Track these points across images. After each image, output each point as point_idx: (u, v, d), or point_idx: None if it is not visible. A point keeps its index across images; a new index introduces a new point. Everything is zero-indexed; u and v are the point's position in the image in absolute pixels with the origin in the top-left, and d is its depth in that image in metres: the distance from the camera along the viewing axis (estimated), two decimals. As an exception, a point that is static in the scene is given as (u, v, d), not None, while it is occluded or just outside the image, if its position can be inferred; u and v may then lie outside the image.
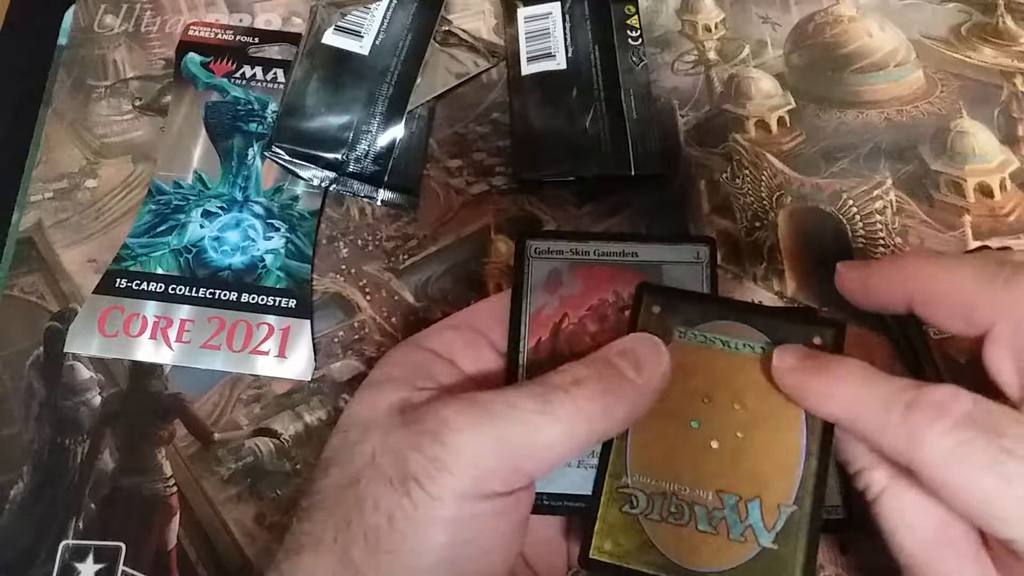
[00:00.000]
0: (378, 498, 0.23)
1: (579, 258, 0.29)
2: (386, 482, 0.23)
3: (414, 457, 0.23)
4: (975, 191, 0.44)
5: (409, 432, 0.24)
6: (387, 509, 0.23)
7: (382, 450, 0.24)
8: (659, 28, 0.49)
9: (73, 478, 0.38)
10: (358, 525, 0.23)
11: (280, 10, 0.49)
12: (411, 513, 0.23)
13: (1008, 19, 0.50)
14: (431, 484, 0.23)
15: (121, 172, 0.45)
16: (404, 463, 0.23)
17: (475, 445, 0.23)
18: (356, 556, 0.23)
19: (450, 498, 0.23)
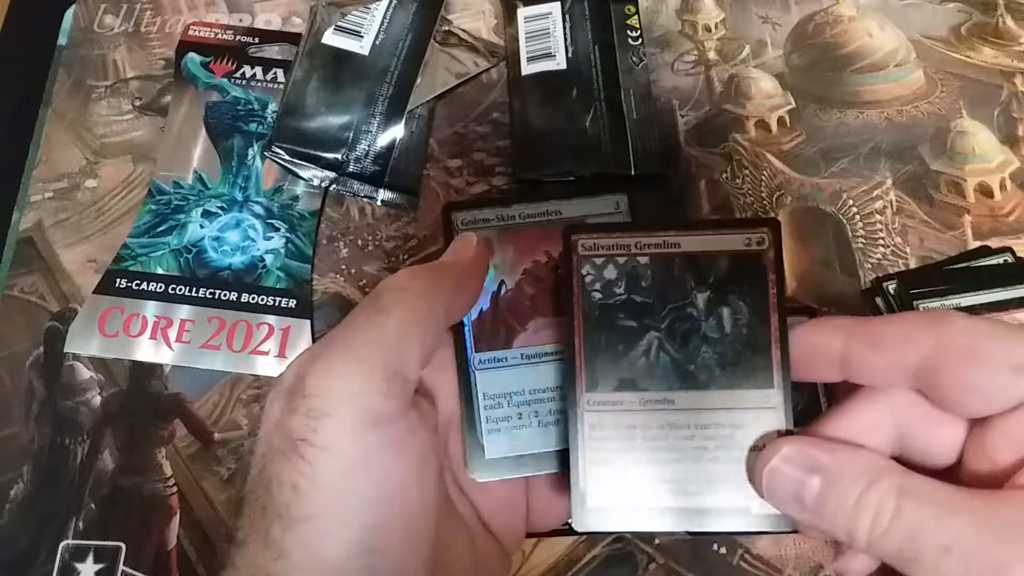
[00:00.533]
0: (279, 473, 0.23)
1: (505, 223, 0.29)
2: (279, 455, 0.23)
3: (294, 420, 0.23)
4: (975, 191, 0.44)
5: (283, 399, 0.24)
6: (289, 479, 0.23)
7: (269, 429, 0.24)
8: (659, 28, 0.49)
9: (73, 478, 0.38)
10: (271, 506, 0.23)
11: (280, 10, 0.49)
12: (309, 473, 0.23)
13: (1008, 19, 0.50)
14: (317, 436, 0.23)
15: (121, 172, 0.45)
16: (288, 430, 0.23)
17: (337, 376, 0.23)
18: (276, 535, 0.23)
19: (340, 441, 0.23)
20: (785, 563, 0.37)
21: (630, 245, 0.26)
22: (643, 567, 0.37)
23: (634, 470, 0.26)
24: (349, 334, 0.24)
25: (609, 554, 0.37)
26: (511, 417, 0.28)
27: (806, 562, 0.37)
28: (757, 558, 0.37)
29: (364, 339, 0.24)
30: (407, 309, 0.25)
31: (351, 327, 0.25)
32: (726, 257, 0.26)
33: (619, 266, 0.27)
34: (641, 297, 0.26)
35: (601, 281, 0.27)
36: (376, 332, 0.24)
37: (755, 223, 0.26)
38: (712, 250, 0.26)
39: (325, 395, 0.23)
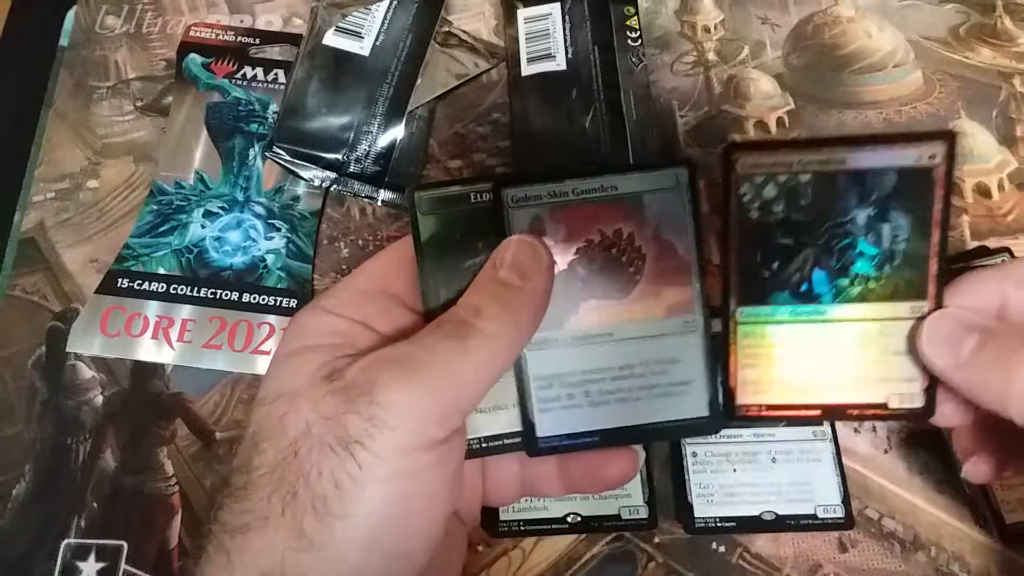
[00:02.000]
0: (322, 465, 0.23)
1: (558, 200, 0.28)
2: (326, 450, 0.24)
3: (351, 420, 0.24)
4: (973, 191, 0.44)
5: (341, 397, 0.24)
6: (333, 475, 0.23)
7: (316, 419, 0.24)
8: (658, 29, 0.49)
9: (75, 477, 0.39)
10: (305, 495, 0.23)
11: (281, 11, 0.49)
12: (357, 475, 0.23)
13: (1006, 20, 0.50)
14: (373, 443, 0.23)
15: (123, 172, 0.45)
16: (343, 428, 0.24)
17: (408, 397, 0.24)
18: (308, 526, 0.23)
19: (393, 454, 0.24)
20: (784, 562, 0.37)
21: (792, 162, 0.26)
22: (642, 565, 0.37)
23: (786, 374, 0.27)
24: (429, 362, 0.25)
25: (609, 552, 0.37)
26: (561, 397, 0.28)
27: (805, 561, 0.37)
28: (756, 556, 0.37)
29: (441, 373, 0.25)
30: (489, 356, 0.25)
31: (432, 355, 0.25)
32: (894, 172, 0.26)
33: (779, 184, 0.26)
34: (799, 215, 0.26)
35: (760, 200, 0.26)
36: (455, 370, 0.25)
37: (931, 135, 0.25)
38: (880, 166, 0.26)
39: (391, 409, 0.24)
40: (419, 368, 0.24)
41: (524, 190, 0.27)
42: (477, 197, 0.28)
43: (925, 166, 0.25)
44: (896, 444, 0.39)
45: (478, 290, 0.27)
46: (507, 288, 0.26)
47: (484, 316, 0.26)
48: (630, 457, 0.29)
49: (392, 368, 0.24)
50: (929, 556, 0.37)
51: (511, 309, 0.26)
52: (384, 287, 0.29)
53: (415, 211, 0.28)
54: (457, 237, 0.28)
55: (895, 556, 0.37)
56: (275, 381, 0.26)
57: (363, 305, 0.28)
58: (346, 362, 0.26)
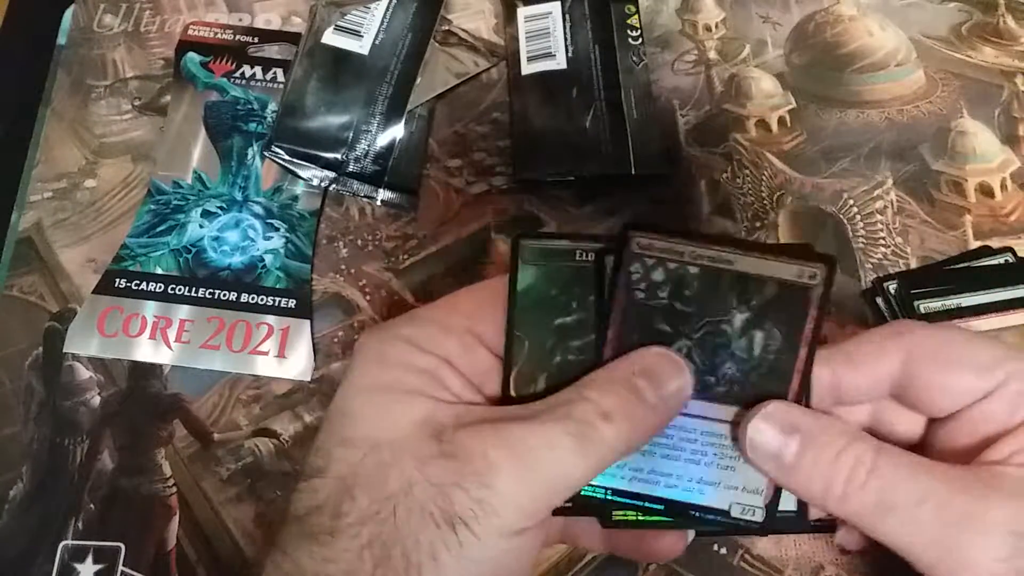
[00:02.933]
0: (419, 534, 0.23)
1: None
2: (428, 518, 0.23)
3: (459, 496, 0.23)
4: (976, 191, 0.44)
5: (451, 467, 0.24)
6: (430, 547, 0.23)
7: (419, 480, 0.24)
8: (659, 28, 0.49)
9: (72, 478, 0.38)
10: (400, 560, 0.23)
11: (280, 10, 0.49)
12: (456, 552, 0.23)
13: (1009, 19, 0.50)
14: (477, 525, 0.23)
15: (120, 172, 0.45)
16: (448, 502, 0.23)
17: (517, 487, 0.24)
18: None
19: (494, 538, 0.23)
20: (785, 563, 0.37)
21: (684, 252, 0.27)
22: (643, 567, 0.37)
23: (637, 458, 0.27)
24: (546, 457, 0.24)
25: (610, 554, 0.37)
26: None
27: (807, 563, 0.37)
28: (757, 558, 0.37)
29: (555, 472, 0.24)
30: (601, 465, 0.25)
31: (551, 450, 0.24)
32: (774, 284, 0.26)
33: (668, 271, 0.27)
34: (682, 305, 0.27)
35: (647, 281, 0.27)
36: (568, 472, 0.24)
37: (813, 256, 0.26)
38: (763, 275, 0.26)
39: (501, 496, 0.23)
40: (536, 460, 0.24)
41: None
42: (582, 255, 0.28)
43: (803, 284, 0.26)
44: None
45: (611, 392, 0.25)
46: (640, 402, 0.25)
47: (611, 424, 0.25)
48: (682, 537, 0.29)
49: (510, 452, 0.24)
50: (932, 558, 0.37)
51: (638, 428, 0.25)
52: (467, 325, 0.28)
53: (516, 259, 0.28)
54: (554, 293, 0.27)
55: (897, 557, 0.37)
56: (367, 421, 0.25)
57: (445, 342, 0.27)
58: (449, 415, 0.25)
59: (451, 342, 0.27)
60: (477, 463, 0.24)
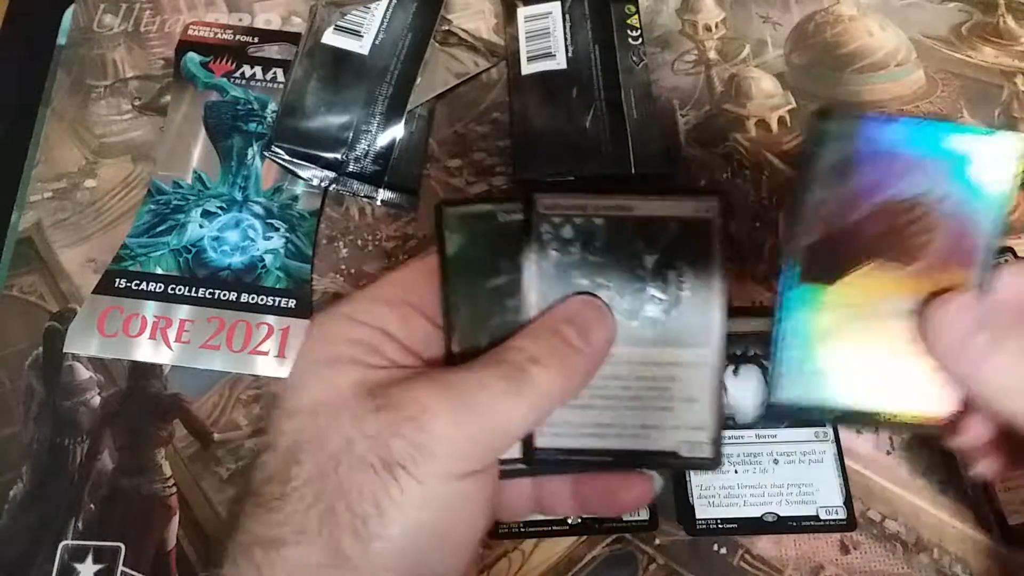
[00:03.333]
0: (362, 485, 0.24)
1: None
2: (368, 469, 0.24)
3: (396, 443, 0.24)
4: (976, 191, 0.44)
5: (387, 418, 0.24)
6: (373, 496, 0.23)
7: (358, 436, 0.24)
8: (659, 28, 0.49)
9: (72, 478, 0.38)
10: (345, 514, 0.23)
11: (280, 9, 0.49)
12: (399, 498, 0.23)
13: (1009, 19, 0.50)
14: (416, 468, 0.24)
15: (120, 172, 0.45)
16: (387, 449, 0.24)
17: (454, 429, 0.24)
18: (346, 546, 0.23)
19: (434, 480, 0.24)
20: (785, 563, 0.37)
21: (587, 206, 0.27)
22: (643, 567, 0.37)
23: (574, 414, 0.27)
24: (480, 399, 0.25)
25: (609, 554, 0.37)
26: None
27: (807, 563, 0.37)
28: (757, 558, 0.37)
29: (490, 413, 0.25)
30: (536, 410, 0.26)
31: (483, 391, 0.25)
32: (676, 223, 0.27)
33: (575, 226, 0.27)
34: (595, 257, 0.27)
35: (558, 240, 0.28)
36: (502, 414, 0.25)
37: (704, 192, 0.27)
38: (663, 215, 0.27)
39: (437, 437, 0.24)
40: (470, 402, 0.25)
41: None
42: (504, 216, 0.28)
43: (702, 218, 0.27)
44: (899, 445, 0.39)
45: (539, 339, 0.27)
46: (569, 347, 0.26)
47: (542, 368, 0.25)
48: (648, 483, 0.29)
49: (442, 395, 0.25)
50: (932, 558, 0.37)
51: (568, 370, 0.26)
52: (404, 297, 0.28)
53: (442, 227, 0.28)
54: (483, 255, 0.28)
55: (897, 558, 0.37)
56: (308, 391, 0.26)
57: (383, 313, 0.28)
58: (384, 377, 0.26)
59: (388, 313, 0.28)
60: (411, 409, 0.24)
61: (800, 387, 0.27)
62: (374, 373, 0.26)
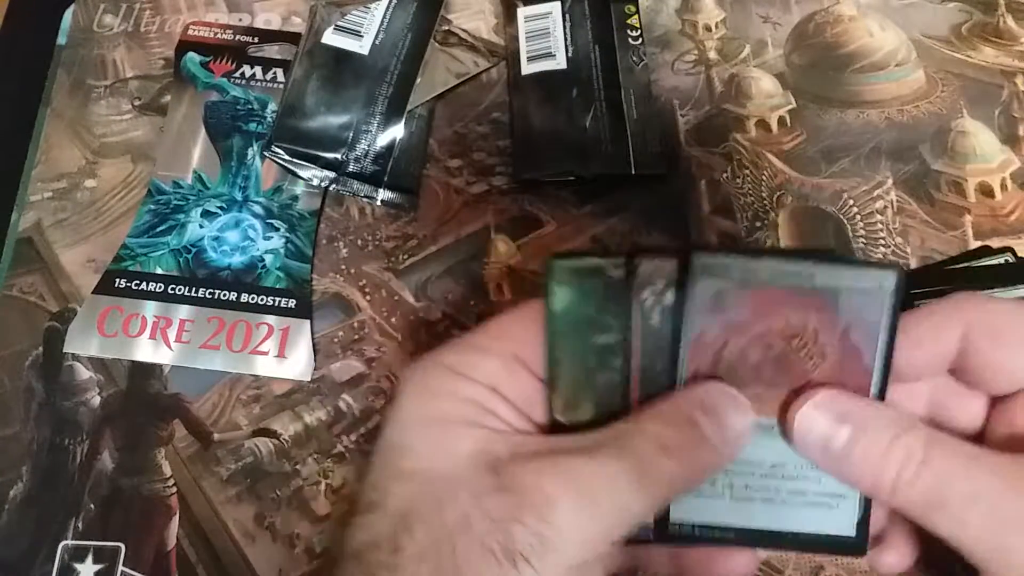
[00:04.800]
0: (480, 569, 0.23)
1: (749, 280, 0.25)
2: (487, 553, 0.23)
3: (519, 531, 0.23)
4: (976, 191, 0.44)
5: (510, 502, 0.23)
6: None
7: (478, 515, 0.23)
8: (659, 28, 0.49)
9: (72, 478, 0.38)
10: None
11: (280, 9, 0.49)
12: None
13: (1009, 19, 0.50)
14: (537, 560, 0.23)
15: (120, 172, 0.45)
16: (508, 537, 0.23)
17: (579, 523, 0.23)
18: None
19: (553, 571, 0.23)
20: (785, 564, 0.37)
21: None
22: (643, 567, 0.37)
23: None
24: (606, 490, 0.24)
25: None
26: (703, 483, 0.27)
27: (807, 563, 0.37)
28: (757, 559, 0.37)
29: (616, 507, 0.24)
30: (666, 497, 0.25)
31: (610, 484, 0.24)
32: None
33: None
34: None
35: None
36: (627, 505, 0.24)
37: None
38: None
39: (563, 533, 0.23)
40: (595, 495, 0.24)
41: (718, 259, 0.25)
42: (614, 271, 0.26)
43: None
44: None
45: (670, 425, 0.25)
46: (699, 435, 0.25)
47: (670, 459, 0.24)
48: (751, 558, 0.28)
49: (566, 485, 0.24)
50: (932, 558, 0.37)
51: (696, 467, 0.25)
52: (511, 349, 0.27)
53: (550, 280, 0.27)
54: (590, 312, 0.26)
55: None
56: (422, 455, 0.25)
57: (490, 368, 0.26)
58: (502, 447, 0.25)
59: (496, 368, 0.26)
60: (535, 497, 0.23)
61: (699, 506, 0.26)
62: (493, 440, 0.25)
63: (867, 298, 0.25)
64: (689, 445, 0.25)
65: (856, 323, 0.25)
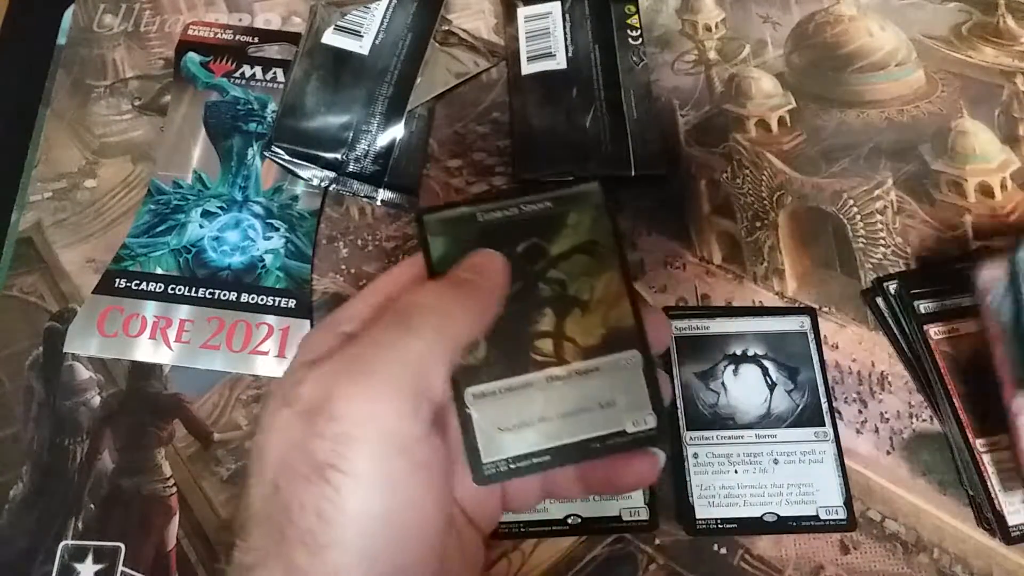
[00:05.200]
0: (302, 498, 0.23)
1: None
2: (302, 479, 0.23)
3: (318, 444, 0.23)
4: (976, 191, 0.44)
5: (303, 421, 0.23)
6: (313, 506, 0.22)
7: (287, 447, 0.23)
8: (659, 28, 0.49)
9: (72, 478, 0.38)
10: (292, 531, 0.23)
11: (280, 9, 0.49)
12: (337, 500, 0.22)
13: (1009, 19, 0.50)
14: (345, 462, 0.22)
15: (120, 172, 0.45)
16: (311, 454, 0.23)
17: (366, 401, 0.23)
18: (301, 562, 0.22)
19: (367, 466, 0.23)
20: (785, 563, 0.37)
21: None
22: (643, 567, 0.37)
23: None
24: (377, 354, 0.24)
25: (609, 554, 0.37)
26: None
27: (807, 563, 0.37)
28: (757, 558, 0.37)
29: (392, 361, 0.24)
30: (436, 331, 0.25)
31: (379, 346, 0.24)
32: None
33: None
34: None
35: None
36: (405, 354, 0.24)
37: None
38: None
39: (352, 419, 0.23)
40: (368, 365, 0.23)
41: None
42: (483, 216, 0.28)
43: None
44: (898, 445, 0.39)
45: (433, 283, 0.26)
46: (462, 282, 0.26)
47: (435, 301, 0.25)
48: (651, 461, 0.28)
49: (342, 374, 0.23)
50: (932, 558, 0.37)
51: (461, 294, 0.26)
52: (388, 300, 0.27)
53: (425, 233, 0.28)
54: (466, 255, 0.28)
55: (897, 558, 0.37)
56: (261, 413, 0.25)
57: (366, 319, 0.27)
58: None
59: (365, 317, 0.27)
60: (320, 402, 0.23)
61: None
62: None
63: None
64: (454, 287, 0.26)
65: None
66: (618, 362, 0.27)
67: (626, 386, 0.27)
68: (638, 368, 0.27)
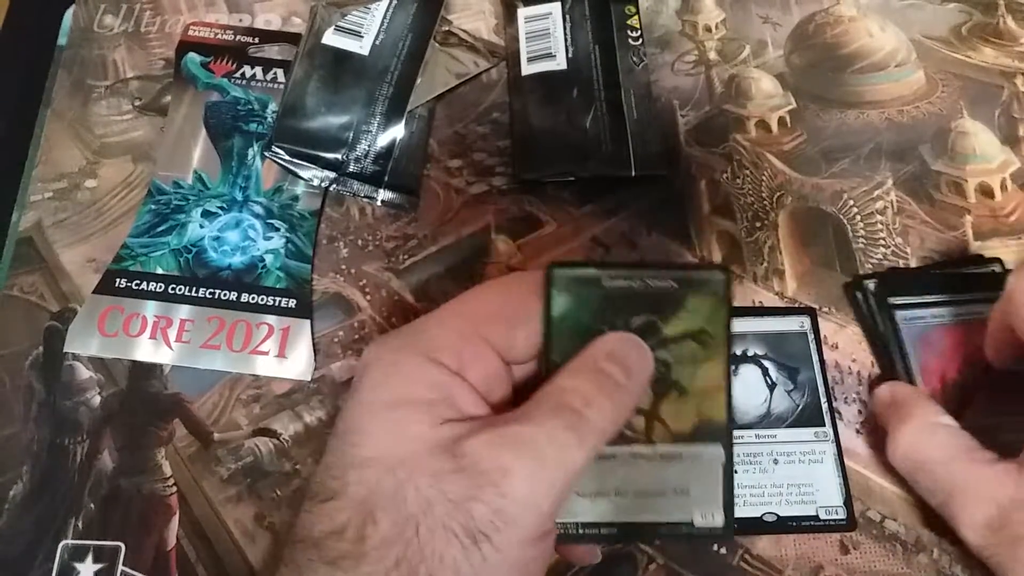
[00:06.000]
0: (443, 552, 0.23)
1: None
2: (449, 534, 0.23)
3: (478, 509, 0.24)
4: (976, 191, 0.44)
5: (468, 481, 0.24)
6: (453, 563, 0.23)
7: (438, 498, 0.24)
8: (659, 28, 0.49)
9: (72, 478, 0.38)
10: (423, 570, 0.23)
11: (280, 10, 0.49)
12: (480, 566, 0.23)
13: (1009, 19, 0.50)
14: (498, 536, 0.24)
15: (121, 172, 0.45)
16: (468, 516, 0.24)
17: (534, 491, 0.24)
18: None
19: (515, 547, 0.24)
20: (785, 563, 0.37)
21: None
22: (643, 567, 0.37)
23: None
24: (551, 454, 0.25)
25: (609, 554, 0.37)
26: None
27: (807, 563, 0.37)
28: (757, 558, 0.37)
29: (562, 467, 0.25)
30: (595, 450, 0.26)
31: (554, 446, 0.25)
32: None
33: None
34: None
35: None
36: (571, 463, 0.25)
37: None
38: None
39: (519, 504, 0.24)
40: (543, 459, 0.24)
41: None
42: (609, 281, 0.28)
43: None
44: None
45: (581, 377, 0.26)
46: (612, 383, 0.26)
47: (594, 408, 0.26)
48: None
49: (518, 456, 0.24)
50: (931, 558, 0.37)
51: (616, 406, 0.26)
52: (482, 333, 0.28)
53: (550, 288, 0.28)
54: (587, 319, 0.28)
55: (897, 558, 0.37)
56: (381, 441, 0.25)
57: (460, 351, 0.27)
58: (459, 430, 0.25)
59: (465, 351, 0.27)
60: (490, 471, 0.24)
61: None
62: (452, 428, 0.25)
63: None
64: (604, 391, 0.26)
65: None
66: (702, 454, 0.28)
67: (703, 478, 0.28)
68: (719, 464, 0.28)
